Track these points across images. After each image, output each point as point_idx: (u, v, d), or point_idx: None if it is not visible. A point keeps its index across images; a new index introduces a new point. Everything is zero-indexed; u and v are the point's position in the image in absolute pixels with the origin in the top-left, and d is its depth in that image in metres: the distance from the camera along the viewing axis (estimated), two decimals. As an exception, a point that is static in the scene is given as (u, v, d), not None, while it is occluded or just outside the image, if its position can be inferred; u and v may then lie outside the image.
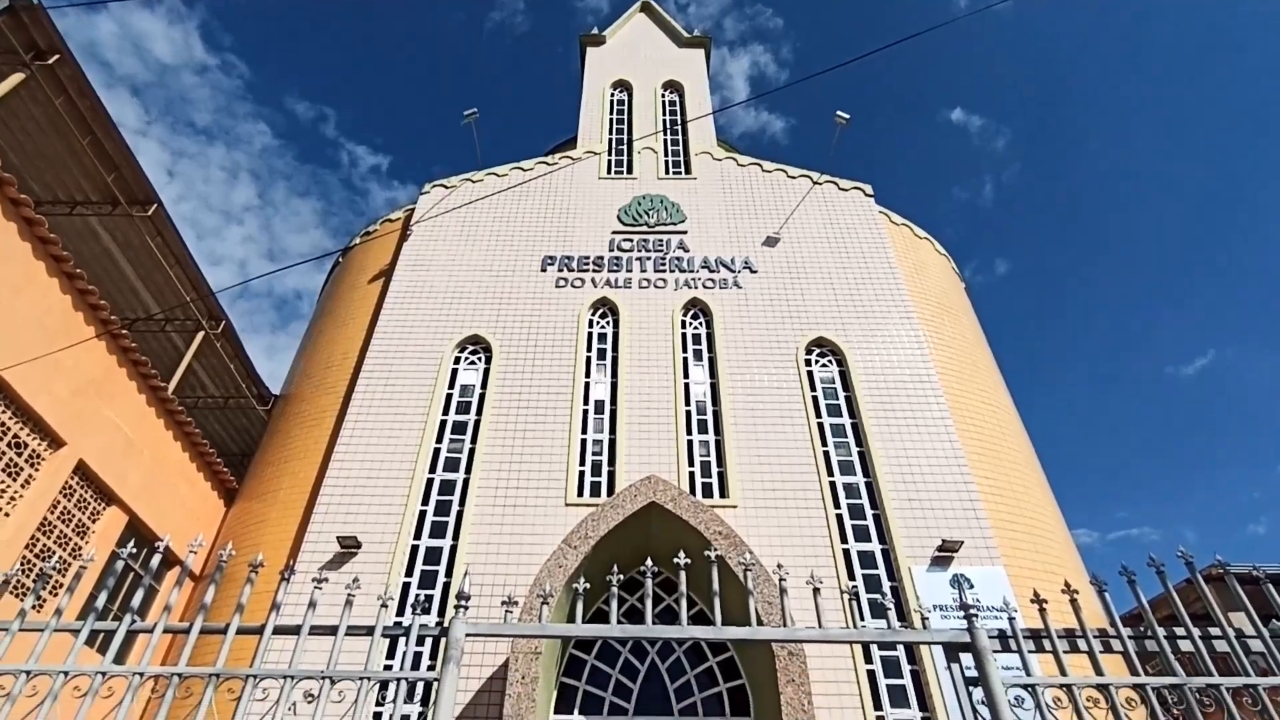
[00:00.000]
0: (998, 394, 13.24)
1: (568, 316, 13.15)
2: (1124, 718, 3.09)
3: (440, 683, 3.19)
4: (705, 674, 9.11)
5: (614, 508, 9.19)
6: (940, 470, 10.92)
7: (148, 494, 10.39)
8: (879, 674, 9.01)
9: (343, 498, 10.62)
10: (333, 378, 12.85)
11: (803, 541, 10.09)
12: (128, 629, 3.36)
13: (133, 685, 3.13)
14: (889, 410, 11.75)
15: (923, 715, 8.71)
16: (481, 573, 9.54)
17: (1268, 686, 3.14)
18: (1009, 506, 10.85)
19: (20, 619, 3.33)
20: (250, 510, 11.54)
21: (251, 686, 3.17)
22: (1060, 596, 3.55)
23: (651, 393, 11.99)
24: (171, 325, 13.28)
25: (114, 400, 9.98)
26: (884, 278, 13.85)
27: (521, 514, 10.41)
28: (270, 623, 3.37)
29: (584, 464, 11.15)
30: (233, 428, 15.58)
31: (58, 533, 9.05)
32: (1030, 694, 3.17)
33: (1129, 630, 3.35)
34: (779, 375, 12.24)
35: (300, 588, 8.55)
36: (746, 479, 10.82)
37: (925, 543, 10.08)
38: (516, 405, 11.82)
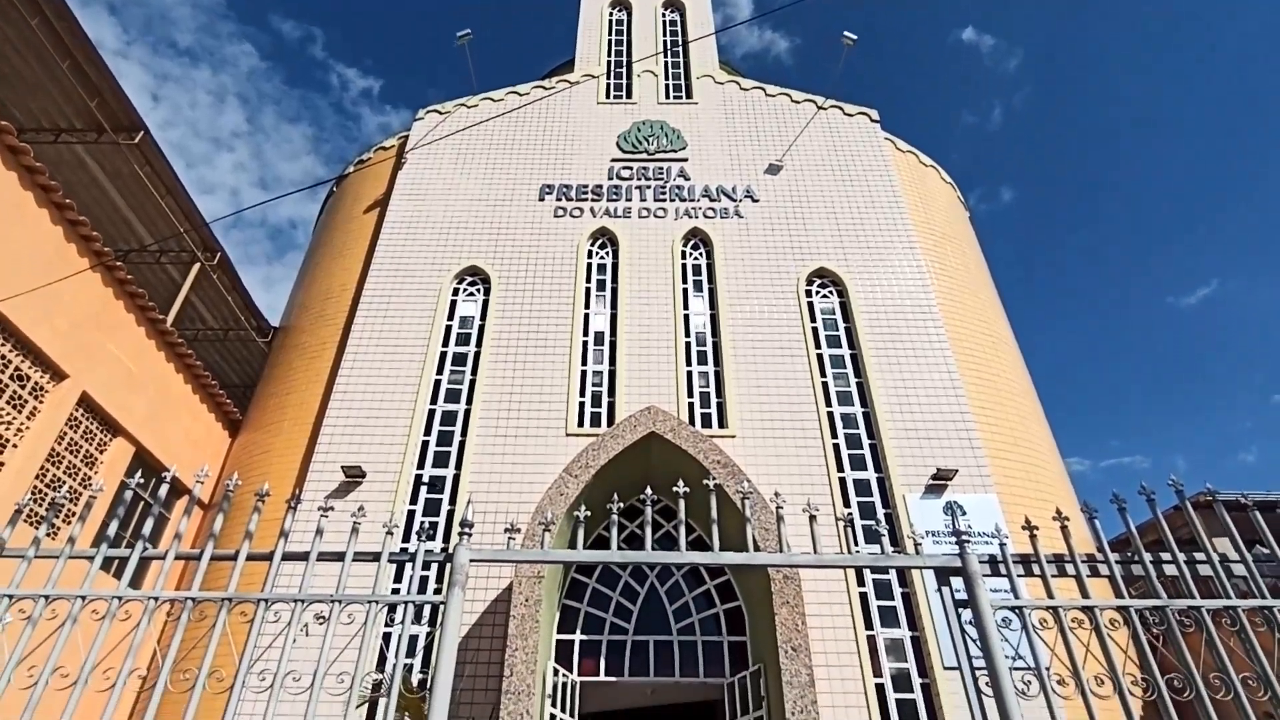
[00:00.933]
0: (998, 324, 13.22)
1: (567, 247, 13.01)
2: (1107, 638, 3.20)
3: (446, 606, 3.30)
4: (703, 596, 9.42)
5: (614, 438, 9.31)
6: (937, 400, 11.01)
7: (153, 425, 10.51)
8: (871, 596, 9.32)
9: (346, 428, 10.75)
10: (331, 309, 12.81)
11: (800, 470, 10.27)
12: (140, 556, 3.44)
13: (148, 609, 3.23)
14: (888, 341, 11.76)
15: (912, 635, 9.05)
16: (484, 501, 9.75)
17: (1247, 608, 3.24)
18: (1004, 435, 10.99)
19: (35, 546, 3.41)
20: (255, 441, 11.70)
21: (264, 609, 3.27)
22: (1051, 523, 3.62)
23: (651, 324, 11.98)
24: (166, 257, 13.14)
25: (114, 333, 9.98)
26: (887, 207, 13.63)
27: (522, 444, 10.56)
28: (279, 549, 3.46)
29: (584, 395, 11.24)
30: (233, 359, 15.62)
31: (66, 463, 9.19)
32: (1017, 615, 3.28)
33: (1116, 555, 3.44)
34: (779, 306, 12.20)
35: (307, 516, 8.75)
36: (745, 410, 10.93)
37: (920, 471, 10.25)
38: (516, 337, 11.83)
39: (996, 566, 3.52)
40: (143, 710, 2.86)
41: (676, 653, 9.00)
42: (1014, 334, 13.74)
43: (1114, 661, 3.12)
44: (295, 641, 3.18)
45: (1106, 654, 3.15)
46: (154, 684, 3.05)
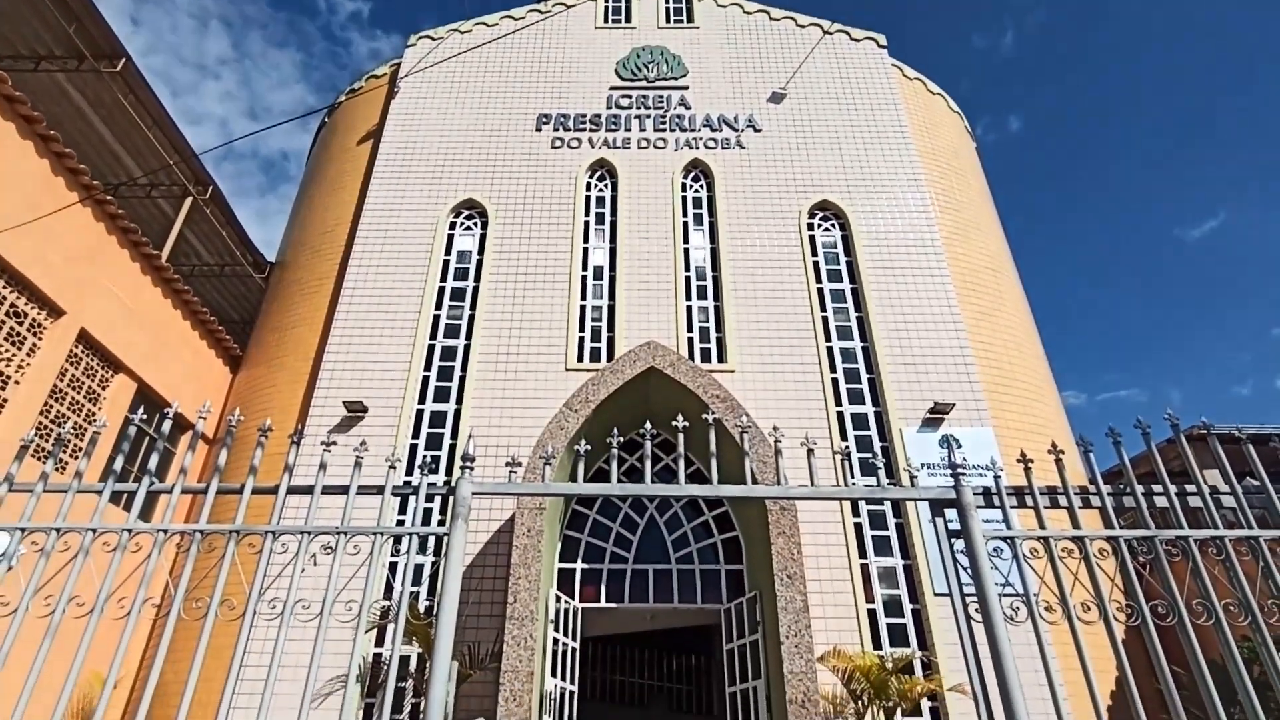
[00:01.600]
0: (1000, 257, 13.10)
1: (564, 179, 12.77)
2: (1095, 567, 3.28)
3: (450, 537, 3.37)
4: (701, 527, 9.64)
5: (614, 372, 9.34)
6: (937, 334, 11.01)
7: (154, 361, 10.53)
8: (865, 526, 9.54)
9: (346, 364, 10.79)
10: (328, 244, 12.67)
11: (798, 404, 10.35)
12: (147, 490, 3.49)
13: (158, 541, 3.30)
14: (890, 275, 11.68)
15: (904, 563, 9.31)
16: (485, 435, 9.86)
17: (1234, 538, 3.31)
18: (1002, 370, 11.04)
19: (43, 481, 3.46)
20: (256, 377, 11.75)
21: (271, 541, 3.34)
22: (1046, 456, 3.66)
23: (651, 258, 11.86)
24: (157, 191, 12.90)
25: (108, 268, 9.88)
26: (893, 137, 13.30)
27: (523, 379, 10.61)
28: (284, 483, 3.50)
29: (583, 330, 11.23)
30: (231, 295, 15.53)
31: (70, 399, 9.25)
32: (1009, 545, 3.35)
33: (1109, 487, 3.49)
34: (780, 240, 12.06)
35: (310, 451, 8.86)
36: (745, 344, 10.94)
37: (917, 405, 10.34)
38: (514, 271, 11.73)
39: (990, 498, 3.58)
40: (159, 637, 2.97)
41: (675, 581, 9.27)
42: (1016, 266, 13.63)
43: (1101, 589, 3.20)
44: (304, 571, 3.26)
45: (1094, 582, 3.23)
46: (168, 612, 3.14)
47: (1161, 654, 3.07)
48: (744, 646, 8.44)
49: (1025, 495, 3.54)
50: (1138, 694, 3.02)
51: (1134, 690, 3.01)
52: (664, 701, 13.82)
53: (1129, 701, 3.01)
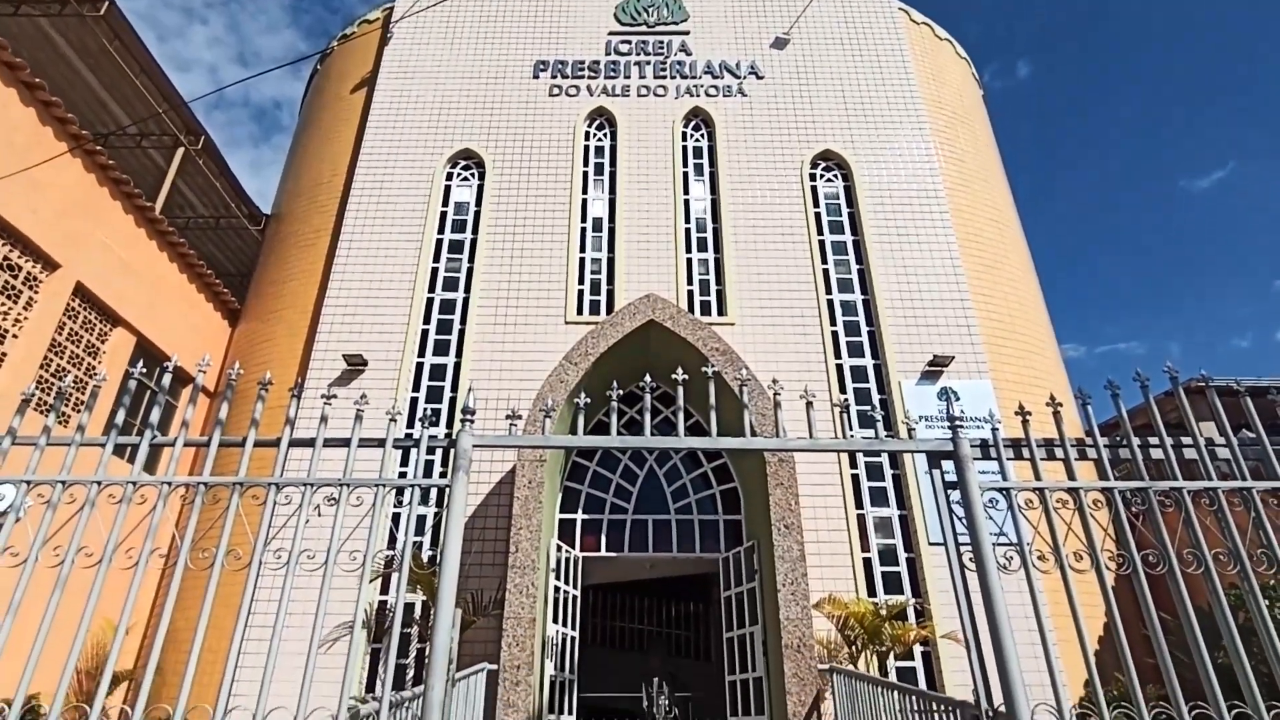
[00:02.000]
0: (1004, 208, 12.95)
1: (563, 128, 12.53)
2: (1089, 517, 3.33)
3: (451, 489, 3.40)
4: (700, 479, 9.76)
5: (613, 325, 9.33)
6: (938, 287, 10.96)
7: (152, 315, 10.49)
8: (862, 478, 9.65)
9: (345, 317, 10.76)
10: (323, 196, 12.50)
11: (798, 357, 10.36)
12: (150, 443, 3.51)
13: (163, 493, 3.34)
14: (892, 226, 11.56)
15: (900, 513, 9.45)
16: (485, 388, 9.89)
17: (1227, 489, 3.35)
18: (1002, 322, 11.02)
19: (46, 435, 3.47)
20: (255, 330, 11.73)
21: (275, 493, 3.38)
22: (1044, 409, 3.68)
23: (650, 209, 11.73)
24: (148, 141, 12.67)
25: (102, 221, 9.77)
26: (898, 85, 13.01)
27: (522, 332, 10.60)
28: (286, 436, 3.53)
29: (583, 282, 11.16)
30: (228, 249, 15.39)
31: (69, 353, 9.25)
32: (1004, 496, 3.39)
33: (1105, 439, 3.51)
34: (782, 191, 11.90)
35: (311, 404, 8.91)
36: (745, 297, 10.89)
37: (917, 358, 10.35)
38: (513, 223, 11.61)
39: (987, 450, 3.60)
40: (167, 586, 3.04)
41: (674, 530, 9.42)
42: (1019, 217, 13.48)
43: (1094, 539, 3.25)
44: (308, 522, 3.30)
45: (1087, 532, 3.28)
46: (175, 562, 3.20)
47: (1150, 601, 3.13)
48: (741, 594, 8.62)
49: (1022, 447, 3.56)
50: (1125, 639, 3.09)
51: (1122, 635, 3.08)
52: (663, 646, 14.20)
53: (1116, 645, 3.09)
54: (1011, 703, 2.98)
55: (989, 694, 3.20)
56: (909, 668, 8.52)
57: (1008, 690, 3.00)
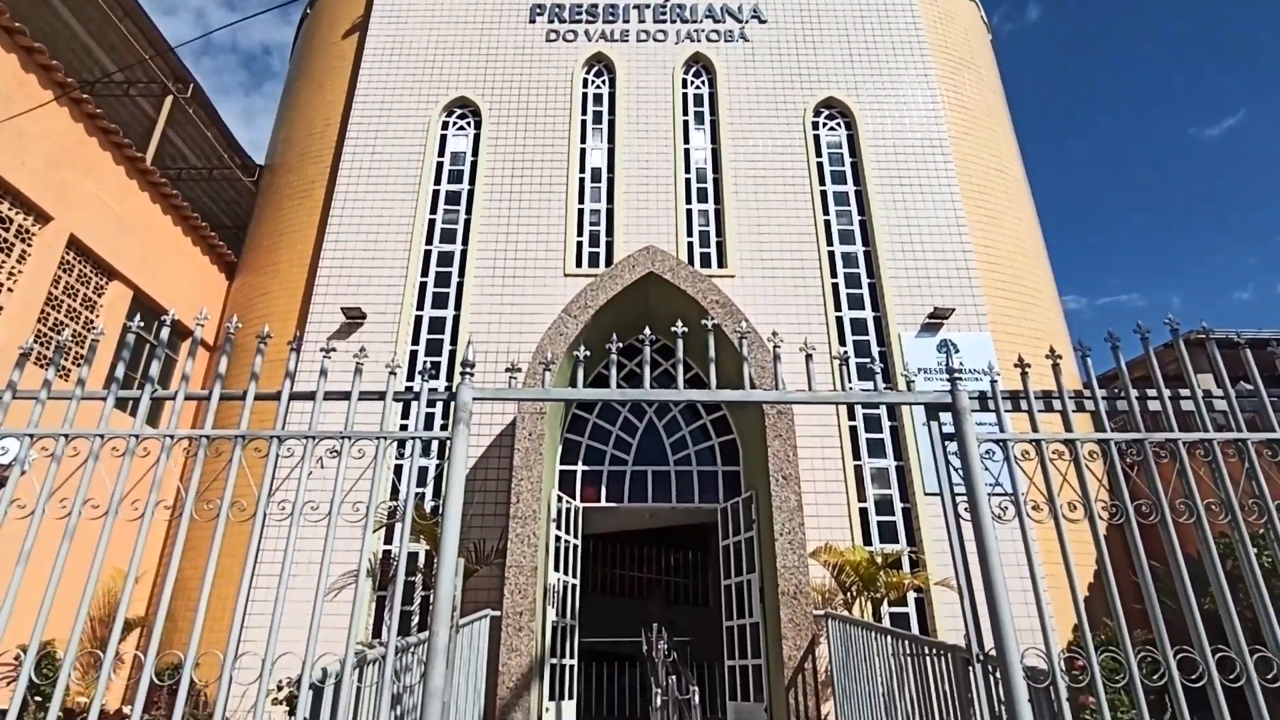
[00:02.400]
0: (1009, 158, 12.74)
1: (560, 75, 12.24)
2: (1085, 468, 3.36)
3: (452, 441, 3.43)
4: (699, 431, 9.83)
5: (612, 278, 9.28)
6: (940, 238, 10.87)
7: (148, 268, 10.42)
8: (860, 430, 9.73)
9: (342, 270, 10.69)
10: (317, 146, 12.28)
11: (798, 309, 10.33)
12: (151, 396, 3.53)
13: (166, 446, 3.36)
14: (895, 176, 11.40)
15: (897, 464, 9.55)
16: (484, 341, 9.88)
17: (1222, 440, 3.37)
18: (1004, 274, 10.95)
19: (47, 389, 3.48)
20: (252, 284, 11.66)
21: (277, 446, 3.40)
22: (1043, 361, 3.68)
23: (650, 159, 11.54)
24: (135, 89, 12.38)
25: (92, 172, 9.62)
26: (904, 28, 12.66)
27: (521, 284, 10.54)
28: (286, 389, 3.53)
29: (581, 234, 11.06)
30: (222, 200, 15.19)
31: (66, 307, 9.22)
32: (1001, 448, 3.42)
33: (1103, 391, 3.52)
34: (784, 139, 11.69)
35: (311, 357, 8.92)
36: (745, 249, 10.80)
37: (917, 310, 10.32)
38: (510, 173, 11.44)
39: (985, 402, 3.62)
40: (174, 538, 3.09)
41: (673, 481, 9.54)
42: (1024, 166, 13.27)
43: (1088, 490, 3.29)
44: (311, 474, 3.34)
45: (1082, 483, 3.32)
46: (180, 514, 3.24)
47: (1142, 549, 3.19)
48: (739, 543, 8.78)
49: (1020, 399, 3.58)
50: (1115, 586, 3.16)
51: (1112, 582, 3.14)
52: (662, 593, 14.53)
53: (1106, 592, 3.15)
54: (1002, 646, 3.05)
55: (980, 639, 3.29)
56: (902, 613, 8.73)
57: (999, 635, 3.08)
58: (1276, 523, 3.20)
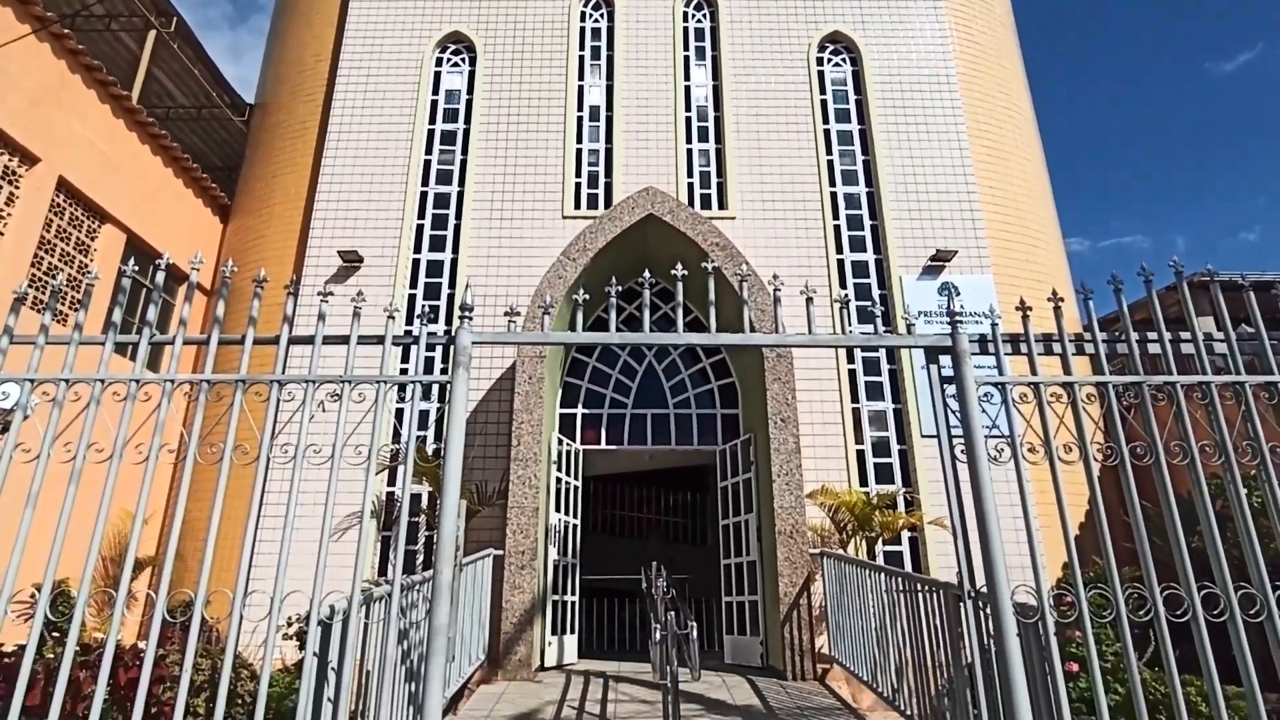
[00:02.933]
0: (1018, 95, 12.40)
1: (557, 9, 11.81)
2: (1082, 411, 3.38)
3: (452, 385, 3.44)
4: (699, 374, 9.87)
5: (611, 220, 9.16)
6: (944, 179, 10.68)
7: (141, 211, 10.27)
8: (859, 373, 9.76)
9: (338, 212, 10.54)
10: (308, 83, 11.94)
11: (798, 252, 10.23)
12: (149, 341, 3.52)
13: (166, 390, 3.37)
14: (901, 115, 11.13)
15: (895, 407, 9.62)
16: (483, 285, 9.83)
17: (1220, 383, 3.39)
18: (1007, 216, 10.81)
19: (44, 334, 3.47)
20: (247, 227, 11.51)
21: (277, 390, 3.41)
22: (1045, 304, 3.66)
23: (650, 97, 11.25)
24: (117, 23, 11.97)
25: (78, 111, 9.38)
26: (914, -43, 12.15)
27: (519, 226, 10.41)
28: (285, 333, 3.53)
29: (580, 175, 10.86)
30: (213, 141, 14.86)
31: (60, 250, 9.12)
32: (999, 391, 3.43)
33: (1104, 334, 3.52)
34: (787, 76, 11.37)
35: (308, 301, 8.87)
36: (746, 190, 10.63)
37: (919, 252, 10.23)
38: (506, 113, 11.17)
39: (985, 345, 3.62)
40: (179, 481, 3.13)
41: (672, 424, 9.62)
42: (1032, 103, 12.94)
43: (1084, 432, 3.32)
44: (312, 418, 3.36)
45: (1079, 425, 3.35)
46: (184, 457, 3.27)
47: (1134, 490, 3.23)
48: (737, 484, 8.92)
49: (1020, 342, 3.58)
50: (1107, 525, 3.21)
51: (1104, 520, 3.20)
52: (661, 533, 14.83)
53: (1097, 531, 3.21)
54: (994, 583, 3.13)
55: (972, 576, 3.36)
56: (896, 552, 8.92)
57: (990, 572, 3.15)
58: (1269, 463, 3.24)
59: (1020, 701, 2.95)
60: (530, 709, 6.20)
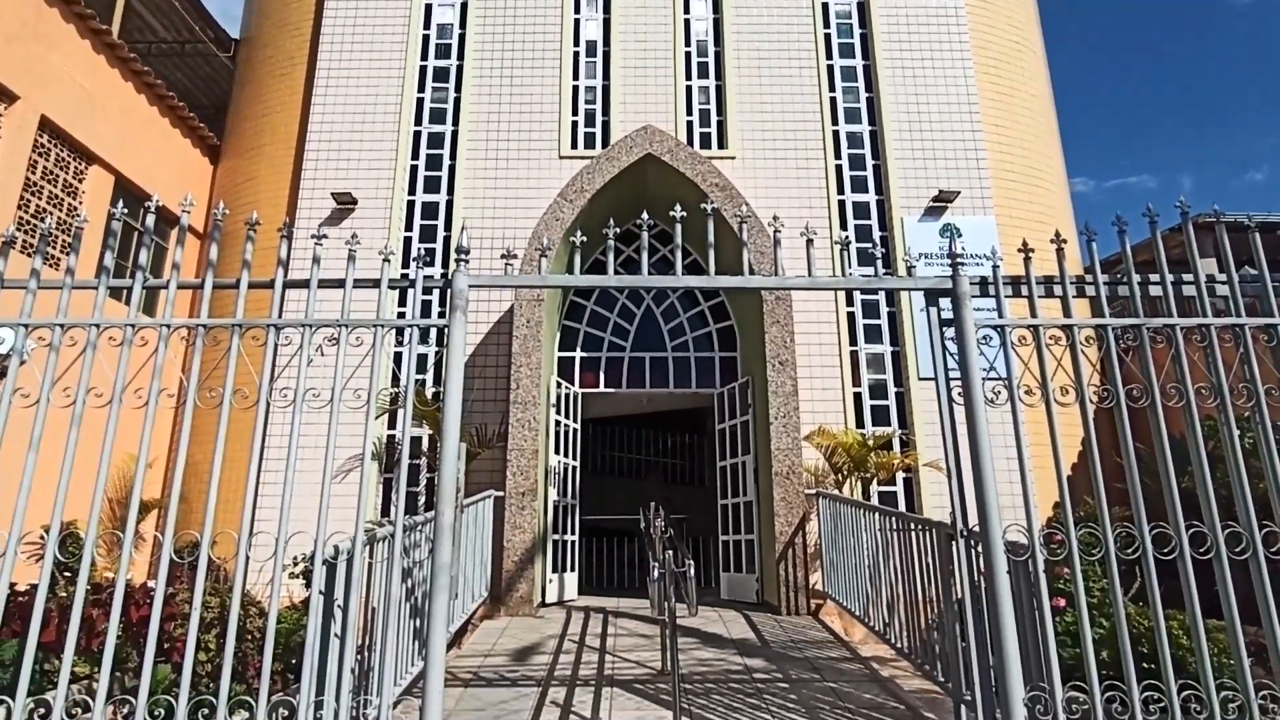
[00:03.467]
0: (1028, 28, 11.99)
1: (550, -64, 11.30)
2: (1080, 353, 3.38)
3: (450, 329, 3.43)
4: (697, 317, 9.84)
5: (609, 160, 8.99)
6: (950, 116, 10.44)
7: (127, 151, 10.04)
8: (858, 316, 9.73)
9: (330, 153, 10.32)
10: (294, 17, 11.52)
11: (799, 193, 10.08)
12: (143, 286, 3.48)
13: (163, 335, 3.36)
14: (906, 48, 10.80)
15: (893, 350, 9.63)
16: (479, 227, 9.70)
17: (1219, 325, 3.38)
18: (1013, 156, 10.60)
19: (36, 278, 3.43)
20: (237, 168, 11.28)
21: (275, 334, 3.40)
22: (1047, 246, 3.62)
23: (648, 31, 10.88)
24: (92, -48, 11.45)
25: (56, 47, 9.07)
26: (924, -121, 11.58)
27: (515, 167, 10.22)
28: (280, 277, 3.49)
29: (576, 113, 10.60)
30: (198, 78, 14.43)
31: (47, 193, 8.96)
32: (998, 333, 3.43)
33: (1105, 276, 3.49)
34: (790, 9, 10.98)
35: (303, 244, 8.76)
36: (747, 128, 10.40)
37: (921, 193, 10.08)
38: (500, 48, 10.82)
39: (986, 288, 3.59)
40: (180, 426, 3.15)
41: (671, 367, 9.65)
42: (1043, 35, 12.53)
43: (1081, 374, 3.33)
44: (311, 362, 3.36)
45: (1076, 368, 3.35)
46: (184, 401, 3.28)
47: (1129, 430, 3.26)
48: (735, 426, 9.00)
49: (1021, 284, 3.55)
50: (1100, 466, 3.25)
51: (1096, 460, 3.24)
52: (659, 474, 15.04)
53: (1090, 471, 3.25)
54: (986, 522, 3.19)
55: (965, 515, 3.42)
56: (890, 492, 9.07)
57: (983, 511, 3.20)
58: (1264, 404, 3.26)
59: (1008, 634, 3.04)
60: (532, 642, 6.40)
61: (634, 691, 4.90)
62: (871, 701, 4.73)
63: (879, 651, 6.01)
